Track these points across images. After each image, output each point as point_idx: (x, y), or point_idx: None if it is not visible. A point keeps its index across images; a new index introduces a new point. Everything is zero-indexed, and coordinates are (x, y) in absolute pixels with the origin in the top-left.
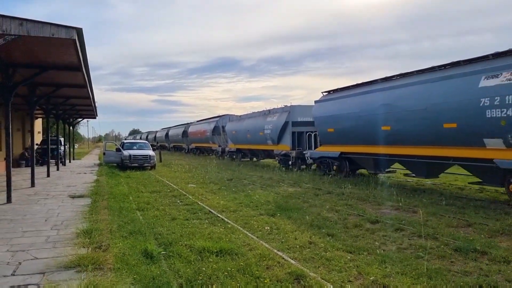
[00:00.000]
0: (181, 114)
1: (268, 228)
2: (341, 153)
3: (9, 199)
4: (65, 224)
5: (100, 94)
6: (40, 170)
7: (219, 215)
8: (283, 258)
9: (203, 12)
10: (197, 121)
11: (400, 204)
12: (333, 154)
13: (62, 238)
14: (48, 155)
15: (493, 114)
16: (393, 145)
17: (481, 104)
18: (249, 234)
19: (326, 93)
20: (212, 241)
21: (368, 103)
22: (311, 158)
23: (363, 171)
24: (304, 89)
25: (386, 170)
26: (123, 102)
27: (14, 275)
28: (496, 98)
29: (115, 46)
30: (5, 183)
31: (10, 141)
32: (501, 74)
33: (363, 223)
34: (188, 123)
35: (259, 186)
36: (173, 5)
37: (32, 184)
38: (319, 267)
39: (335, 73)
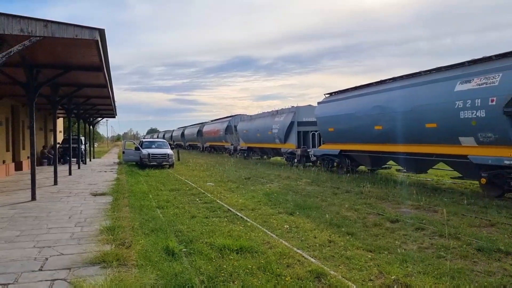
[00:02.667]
0: (199, 113)
1: (287, 226)
2: (341, 151)
3: (33, 197)
4: (88, 221)
5: (119, 94)
6: (62, 169)
7: (238, 213)
8: (303, 256)
9: (220, 11)
10: (211, 120)
11: (421, 203)
12: (334, 151)
13: (86, 234)
14: (70, 153)
15: (465, 115)
16: (385, 143)
17: (456, 106)
18: (269, 233)
19: (328, 95)
20: (232, 239)
21: (363, 105)
22: (314, 155)
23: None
24: (321, 87)
25: (383, 166)
26: (141, 102)
27: (41, 270)
28: (468, 101)
29: (134, 47)
30: (29, 181)
31: (35, 140)
32: (473, 79)
33: (382, 222)
34: (202, 123)
35: (277, 185)
36: (190, 5)
37: (55, 182)
38: (339, 265)
39: (353, 71)
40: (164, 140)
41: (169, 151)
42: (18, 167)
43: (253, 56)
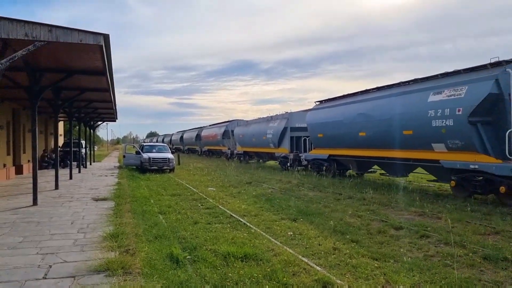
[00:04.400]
0: (198, 116)
1: (291, 233)
2: (329, 155)
3: (35, 201)
4: (91, 227)
5: (119, 97)
6: (62, 172)
7: (241, 219)
8: (309, 264)
9: (221, 15)
10: (210, 125)
11: (426, 210)
12: (323, 156)
13: (89, 241)
14: (71, 157)
15: (437, 124)
16: (369, 149)
17: (428, 115)
18: (273, 240)
19: (318, 102)
20: (236, 246)
21: (349, 112)
22: (305, 160)
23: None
24: (321, 92)
25: (369, 170)
26: (141, 105)
27: (45, 278)
28: (439, 110)
29: (135, 50)
30: (29, 185)
31: (37, 144)
32: (444, 91)
33: (387, 229)
34: (201, 127)
35: (279, 190)
36: (191, 9)
37: (56, 187)
38: (345, 274)
39: (353, 76)
40: (165, 144)
41: (170, 155)
42: (19, 170)
43: (254, 60)
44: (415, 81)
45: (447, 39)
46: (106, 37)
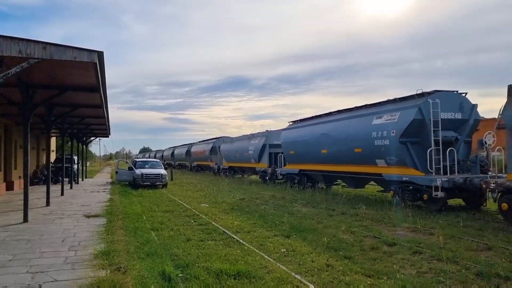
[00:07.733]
0: (192, 132)
1: (284, 250)
2: (300, 170)
3: (25, 219)
4: (82, 244)
5: (113, 113)
6: (54, 189)
7: (234, 236)
8: (302, 282)
9: (216, 31)
10: (199, 141)
11: (419, 226)
12: (295, 171)
13: (80, 259)
14: (63, 173)
15: (378, 143)
16: (330, 164)
17: (372, 136)
18: (266, 256)
19: (292, 122)
20: (229, 263)
21: (314, 132)
22: (280, 174)
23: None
24: (314, 108)
25: (334, 183)
26: (135, 120)
27: None
28: (379, 132)
29: (129, 66)
30: (20, 202)
31: (28, 161)
32: (383, 116)
33: (380, 245)
34: (191, 143)
35: (272, 206)
36: (186, 26)
37: (47, 203)
38: None
39: (346, 92)
40: (158, 160)
41: (162, 171)
42: (9, 187)
43: (247, 76)
44: (365, 106)
45: (438, 55)
46: (100, 54)
